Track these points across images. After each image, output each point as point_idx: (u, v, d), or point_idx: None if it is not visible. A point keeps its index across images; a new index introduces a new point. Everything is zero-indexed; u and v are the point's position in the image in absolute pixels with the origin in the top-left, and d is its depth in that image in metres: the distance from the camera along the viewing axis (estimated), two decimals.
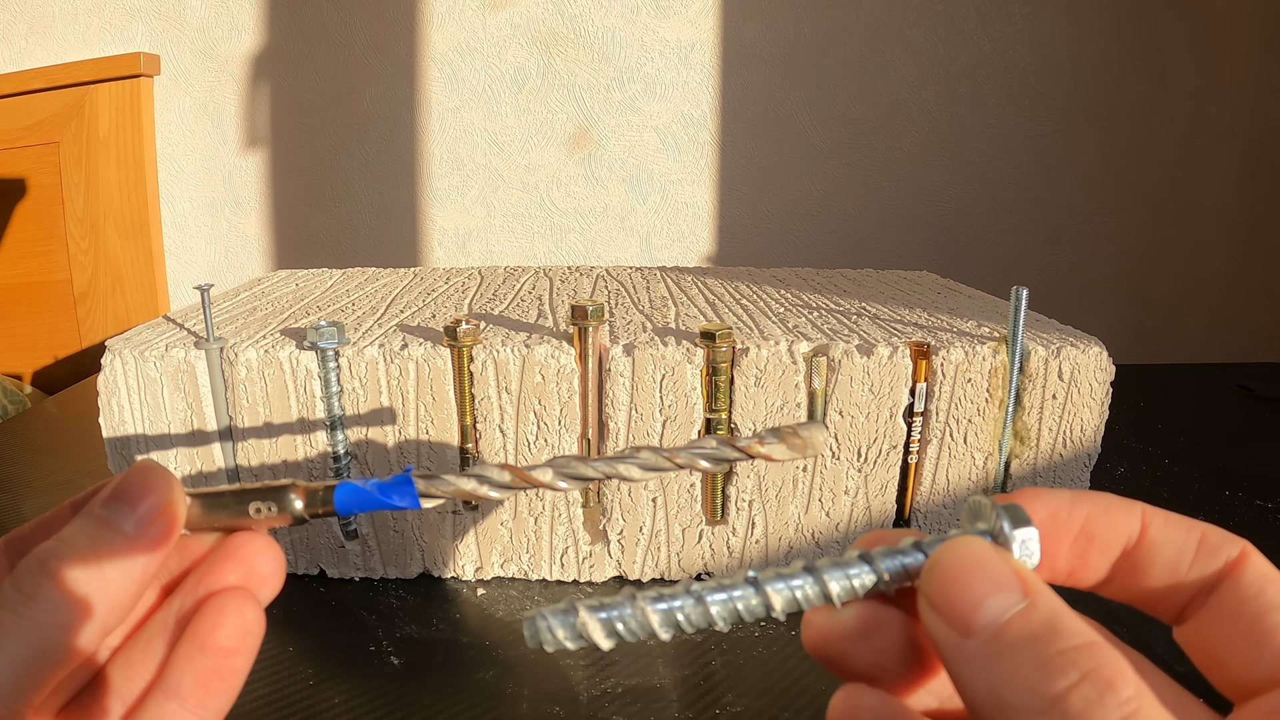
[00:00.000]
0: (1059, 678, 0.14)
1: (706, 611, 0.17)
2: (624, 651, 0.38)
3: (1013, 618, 0.15)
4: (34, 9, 1.07)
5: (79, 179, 1.07)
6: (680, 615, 0.17)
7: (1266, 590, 0.16)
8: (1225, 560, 0.17)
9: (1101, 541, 0.17)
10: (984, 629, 0.15)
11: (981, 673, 0.14)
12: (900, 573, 0.17)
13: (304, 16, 1.07)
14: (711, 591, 0.17)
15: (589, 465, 0.19)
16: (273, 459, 0.43)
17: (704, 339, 0.41)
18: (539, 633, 0.16)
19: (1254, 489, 0.56)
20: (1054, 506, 0.17)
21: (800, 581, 0.17)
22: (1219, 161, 1.14)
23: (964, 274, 1.11)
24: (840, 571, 0.17)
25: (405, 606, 0.42)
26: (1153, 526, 0.17)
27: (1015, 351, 0.42)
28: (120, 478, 0.19)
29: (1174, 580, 0.17)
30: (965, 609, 0.15)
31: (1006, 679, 0.14)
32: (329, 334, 0.40)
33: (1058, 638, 0.14)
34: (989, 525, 0.17)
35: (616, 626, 0.16)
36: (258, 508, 0.20)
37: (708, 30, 1.08)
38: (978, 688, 0.15)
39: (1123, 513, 0.17)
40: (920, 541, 0.17)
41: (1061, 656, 0.14)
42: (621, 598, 0.17)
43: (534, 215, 1.13)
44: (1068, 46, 1.09)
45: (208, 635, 0.19)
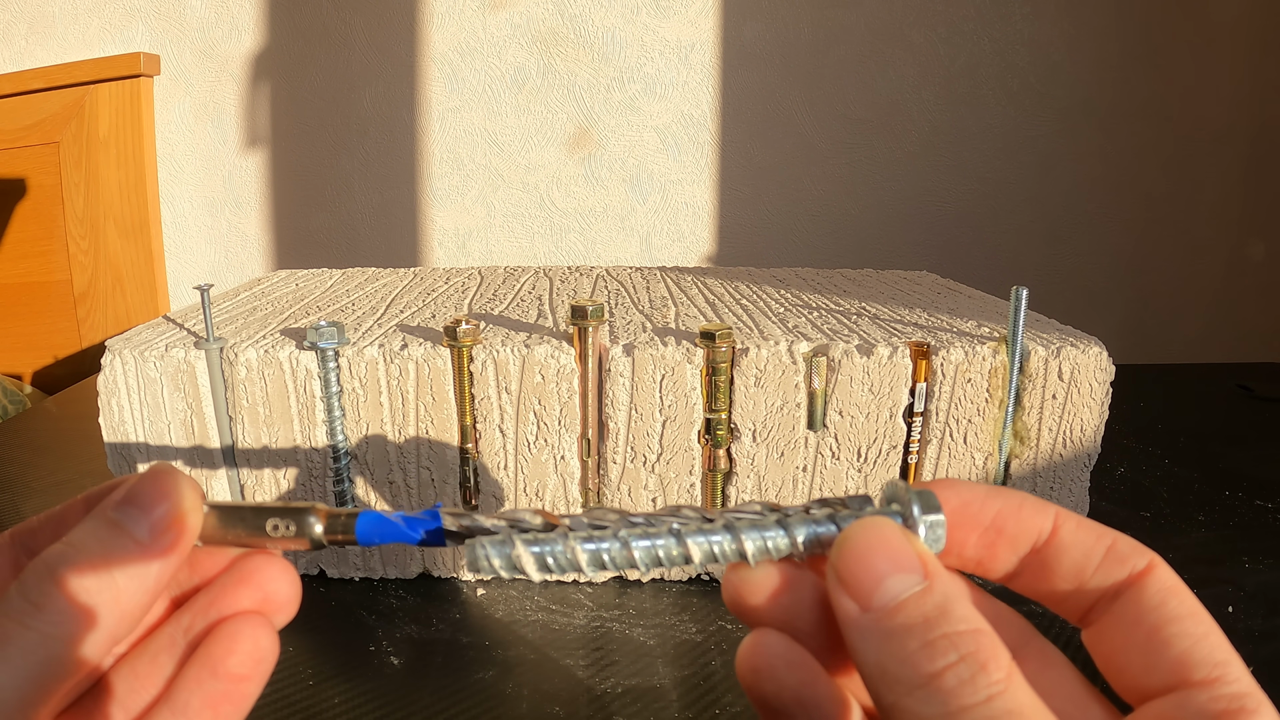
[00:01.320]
0: (938, 657, 0.15)
1: (630, 555, 0.18)
2: (624, 651, 0.38)
3: (909, 598, 0.16)
4: (34, 9, 1.07)
5: (79, 179, 1.07)
6: (605, 556, 0.18)
7: (1168, 602, 0.17)
8: (1131, 570, 0.17)
9: (1010, 536, 0.18)
10: (881, 606, 0.16)
11: (873, 645, 0.16)
12: (813, 541, 0.18)
13: (304, 16, 1.07)
14: (637, 538, 0.18)
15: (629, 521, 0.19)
16: (273, 459, 0.43)
17: (704, 339, 0.41)
18: (477, 560, 0.17)
19: (1254, 489, 0.56)
20: (967, 498, 0.18)
21: (719, 538, 0.18)
22: (1219, 161, 1.14)
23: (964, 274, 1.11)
24: (756, 533, 0.18)
25: (405, 606, 0.42)
26: (1064, 529, 0.18)
27: (1015, 351, 0.42)
28: (135, 479, 0.18)
29: (1078, 583, 0.18)
30: (867, 584, 0.16)
31: (893, 654, 0.15)
32: (329, 334, 0.40)
33: (945, 621, 0.15)
34: (902, 507, 0.18)
35: (547, 560, 0.17)
36: (275, 524, 0.19)
37: (708, 30, 1.08)
38: (868, 660, 0.16)
39: (1035, 511, 0.18)
40: (837, 514, 0.18)
41: (945, 639, 0.15)
42: (555, 534, 0.18)
43: (534, 215, 1.13)
44: (1068, 46, 1.09)
45: (220, 661, 0.18)
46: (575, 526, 0.19)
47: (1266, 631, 0.40)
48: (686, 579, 0.45)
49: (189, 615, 0.19)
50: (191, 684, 0.18)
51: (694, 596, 0.43)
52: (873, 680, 0.16)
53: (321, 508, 0.19)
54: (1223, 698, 0.15)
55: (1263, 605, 0.42)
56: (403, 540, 0.19)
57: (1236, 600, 0.42)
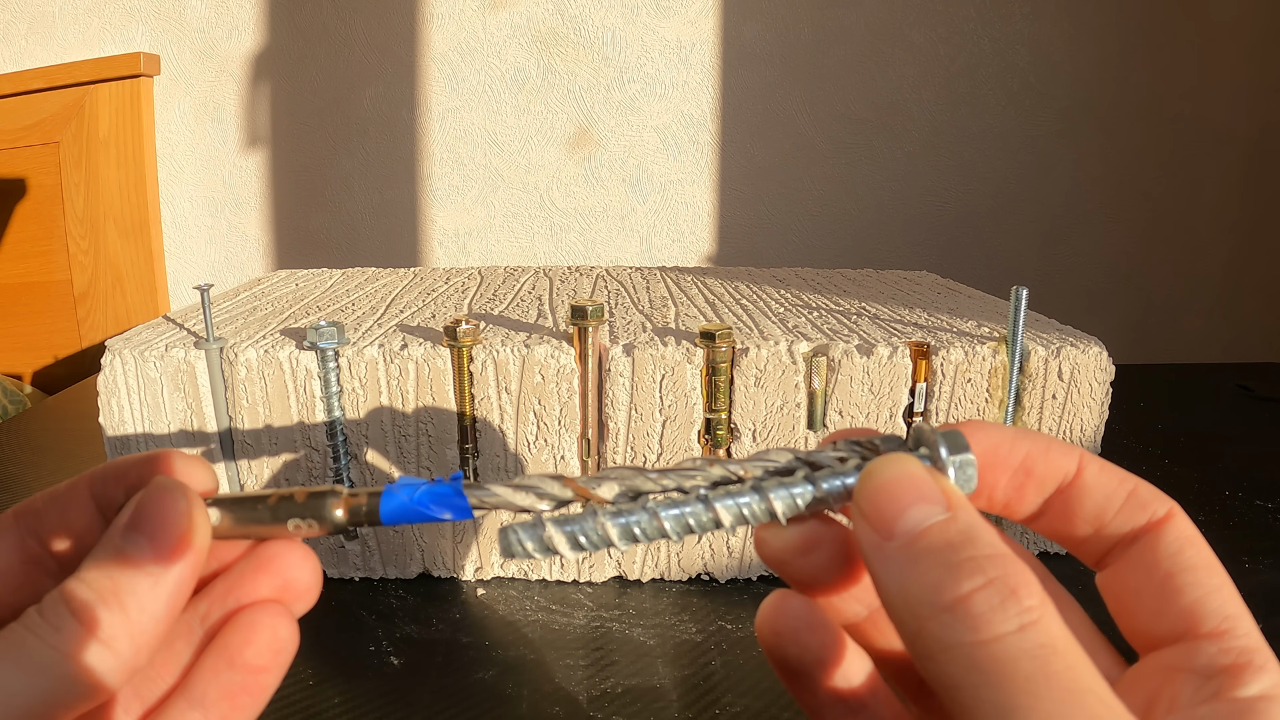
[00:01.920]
0: (965, 580, 0.14)
1: (660, 525, 0.18)
2: (624, 652, 0.38)
3: (932, 525, 0.15)
4: (34, 9, 1.07)
5: (79, 179, 1.07)
6: (636, 529, 0.18)
7: (1184, 551, 0.17)
8: (1151, 516, 0.17)
9: (1038, 478, 0.18)
10: (903, 533, 0.15)
11: (896, 573, 0.15)
12: (842, 492, 0.18)
13: (304, 16, 1.07)
14: (665, 507, 0.18)
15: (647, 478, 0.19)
16: (273, 459, 0.43)
17: (704, 339, 0.41)
18: (510, 545, 0.17)
19: (1254, 489, 0.56)
20: (996, 440, 0.18)
21: (748, 499, 0.18)
22: (1219, 161, 1.14)
23: (964, 274, 1.11)
24: (785, 490, 0.18)
25: (405, 606, 0.42)
26: (1087, 471, 0.18)
27: (1015, 351, 0.42)
28: (137, 501, 0.18)
29: (1098, 526, 0.18)
30: (890, 514, 0.16)
31: (917, 578, 0.15)
32: (329, 334, 0.40)
33: (970, 545, 0.15)
34: (929, 450, 0.17)
35: (579, 538, 0.18)
36: (296, 524, 0.19)
37: (708, 30, 1.08)
38: (891, 587, 0.15)
39: (1062, 453, 0.18)
40: (864, 463, 0.18)
41: (971, 562, 0.15)
42: (584, 513, 0.18)
43: (534, 215, 1.13)
44: (1068, 46, 1.09)
45: (238, 651, 0.18)
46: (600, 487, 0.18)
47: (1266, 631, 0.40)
48: (686, 579, 0.45)
49: (206, 602, 0.19)
50: (209, 674, 0.18)
51: (694, 596, 0.43)
52: (896, 610, 0.15)
53: (342, 492, 0.19)
54: (1230, 651, 0.15)
55: (1263, 605, 0.42)
56: (428, 519, 0.19)
57: None
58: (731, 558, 0.44)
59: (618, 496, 0.18)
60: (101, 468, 0.20)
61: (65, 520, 0.19)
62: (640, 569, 0.45)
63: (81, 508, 0.19)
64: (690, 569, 0.45)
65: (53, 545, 0.19)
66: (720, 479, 0.18)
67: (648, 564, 0.45)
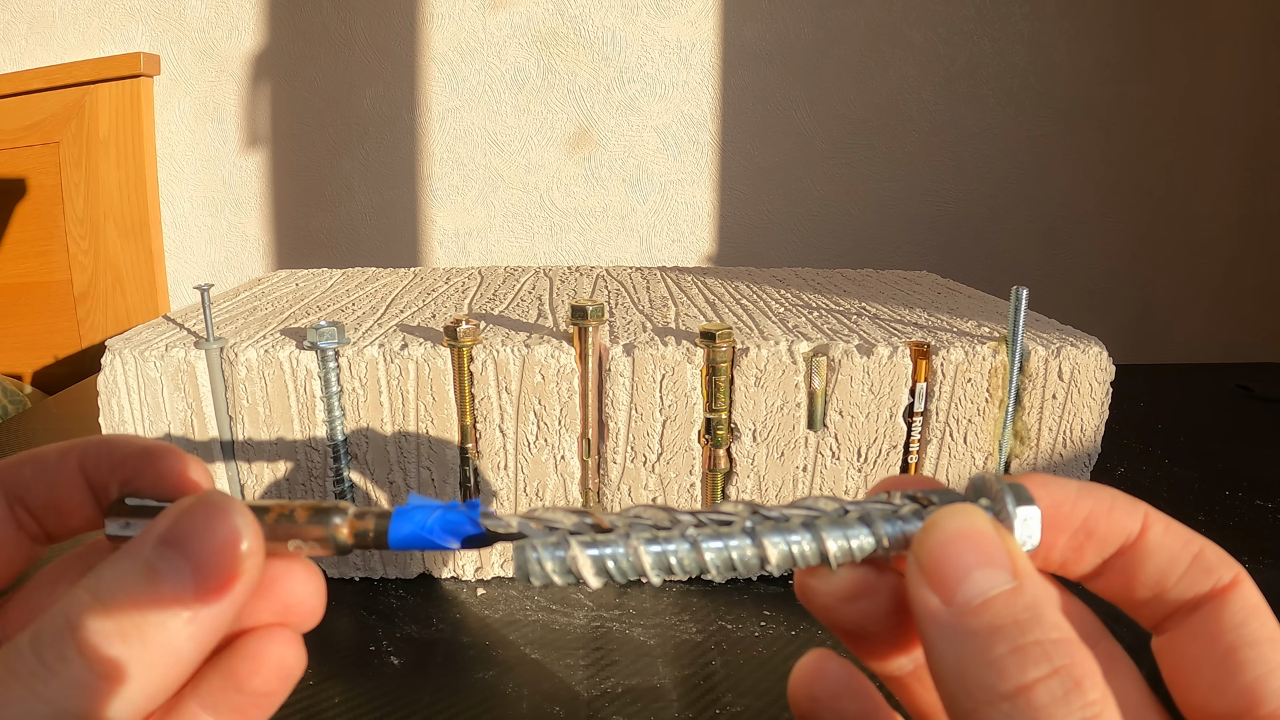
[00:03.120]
0: (1031, 667, 0.13)
1: (700, 559, 0.16)
2: (624, 651, 0.38)
3: (997, 596, 0.14)
4: (34, 9, 1.07)
5: (79, 179, 1.07)
6: (673, 559, 0.16)
7: (1249, 623, 0.16)
8: (1216, 583, 0.16)
9: (1099, 538, 0.17)
10: (966, 601, 0.14)
11: (954, 645, 0.14)
12: (900, 540, 0.16)
13: (304, 16, 1.07)
14: (708, 539, 0.16)
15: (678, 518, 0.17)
16: (273, 459, 0.43)
17: (704, 339, 0.41)
18: (527, 564, 0.16)
19: (1254, 489, 0.56)
20: (1059, 497, 0.17)
21: (798, 538, 0.16)
22: (1219, 161, 1.14)
23: (964, 274, 1.11)
24: (840, 532, 0.16)
25: (405, 606, 0.42)
26: (1152, 531, 0.17)
27: (1015, 351, 0.42)
28: (177, 511, 0.15)
29: (1160, 590, 0.17)
30: (952, 576, 0.15)
31: (977, 656, 0.14)
32: (329, 334, 0.40)
33: (1037, 627, 0.14)
34: (993, 501, 0.16)
35: (607, 565, 0.16)
36: (297, 545, 0.17)
37: (708, 30, 1.08)
38: (947, 660, 0.14)
39: (1126, 512, 0.17)
40: (923, 510, 0.16)
41: (1037, 646, 0.14)
42: (615, 535, 0.16)
43: (534, 215, 1.13)
44: (1067, 46, 1.09)
45: (245, 680, 0.17)
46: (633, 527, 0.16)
47: None
48: (687, 579, 0.45)
49: None
50: (216, 692, 0.17)
51: (694, 596, 0.43)
52: (949, 684, 0.14)
53: (347, 509, 0.17)
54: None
55: None
56: (438, 548, 0.17)
57: None
58: None
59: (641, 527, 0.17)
60: (94, 443, 0.18)
61: (53, 493, 0.18)
62: None
63: (72, 483, 0.18)
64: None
65: (39, 516, 0.18)
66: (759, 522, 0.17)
67: None
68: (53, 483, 0.18)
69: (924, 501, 0.17)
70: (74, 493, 0.18)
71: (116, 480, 0.18)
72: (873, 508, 0.17)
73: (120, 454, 0.18)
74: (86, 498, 0.18)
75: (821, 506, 0.17)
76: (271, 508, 0.17)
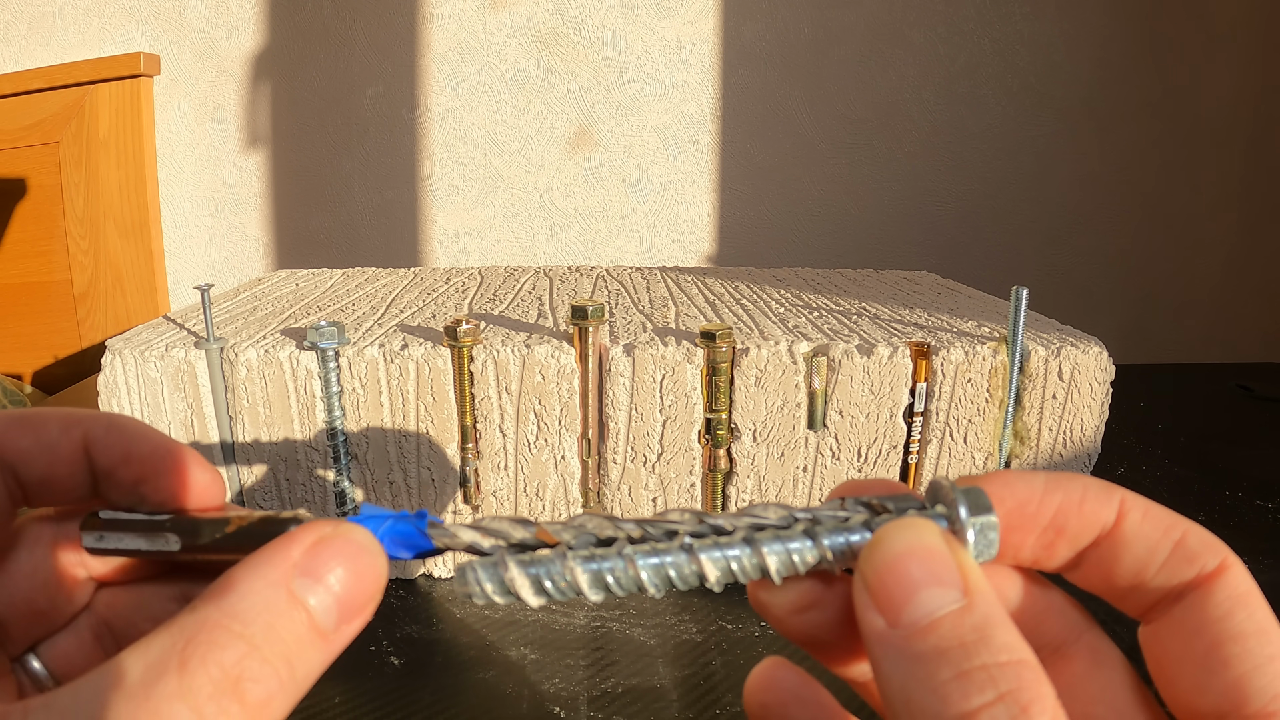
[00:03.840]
0: (974, 694, 0.13)
1: (636, 575, 0.16)
2: (624, 652, 0.38)
3: (944, 616, 0.14)
4: (34, 9, 1.07)
5: (79, 179, 1.07)
6: (610, 578, 0.16)
7: (1235, 614, 0.15)
8: (1199, 570, 0.15)
9: (1071, 533, 0.16)
10: (912, 622, 0.14)
11: (899, 667, 0.14)
12: (846, 552, 0.16)
13: (304, 16, 1.07)
14: (645, 555, 0.16)
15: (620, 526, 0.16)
16: (273, 459, 0.43)
17: (704, 339, 0.41)
18: (468, 584, 0.16)
19: (1254, 489, 0.56)
20: (1024, 495, 0.16)
21: (737, 552, 0.16)
22: (1219, 161, 1.14)
23: (964, 274, 1.11)
24: (780, 545, 0.16)
25: (405, 606, 0.42)
26: (1129, 519, 0.16)
27: (1015, 351, 0.42)
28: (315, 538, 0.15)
29: (1140, 580, 0.16)
30: (898, 596, 0.14)
31: (921, 681, 0.13)
32: (329, 334, 0.40)
33: (985, 649, 0.13)
34: (947, 509, 0.15)
35: (545, 584, 0.15)
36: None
37: (708, 30, 1.08)
38: (893, 683, 0.14)
39: (1098, 503, 0.16)
40: (873, 520, 0.16)
41: (983, 671, 0.13)
42: (552, 554, 0.16)
43: (534, 215, 1.13)
44: (1068, 46, 1.09)
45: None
46: (576, 541, 0.16)
47: None
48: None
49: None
50: None
51: (694, 596, 0.43)
52: (894, 707, 0.14)
53: (305, 517, 0.17)
54: None
55: None
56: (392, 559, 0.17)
57: None
58: None
59: (581, 542, 0.16)
60: (104, 426, 0.18)
61: (51, 470, 0.18)
62: None
63: (73, 461, 0.18)
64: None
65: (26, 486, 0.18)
66: (705, 532, 0.16)
67: None
68: (53, 460, 0.17)
69: (878, 509, 0.16)
70: (74, 471, 0.18)
71: (128, 476, 0.18)
72: (823, 515, 0.16)
73: (136, 450, 0.18)
74: (85, 478, 0.18)
75: (768, 516, 0.16)
76: (231, 521, 0.17)
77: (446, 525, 0.17)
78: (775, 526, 0.16)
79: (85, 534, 0.18)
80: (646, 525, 0.16)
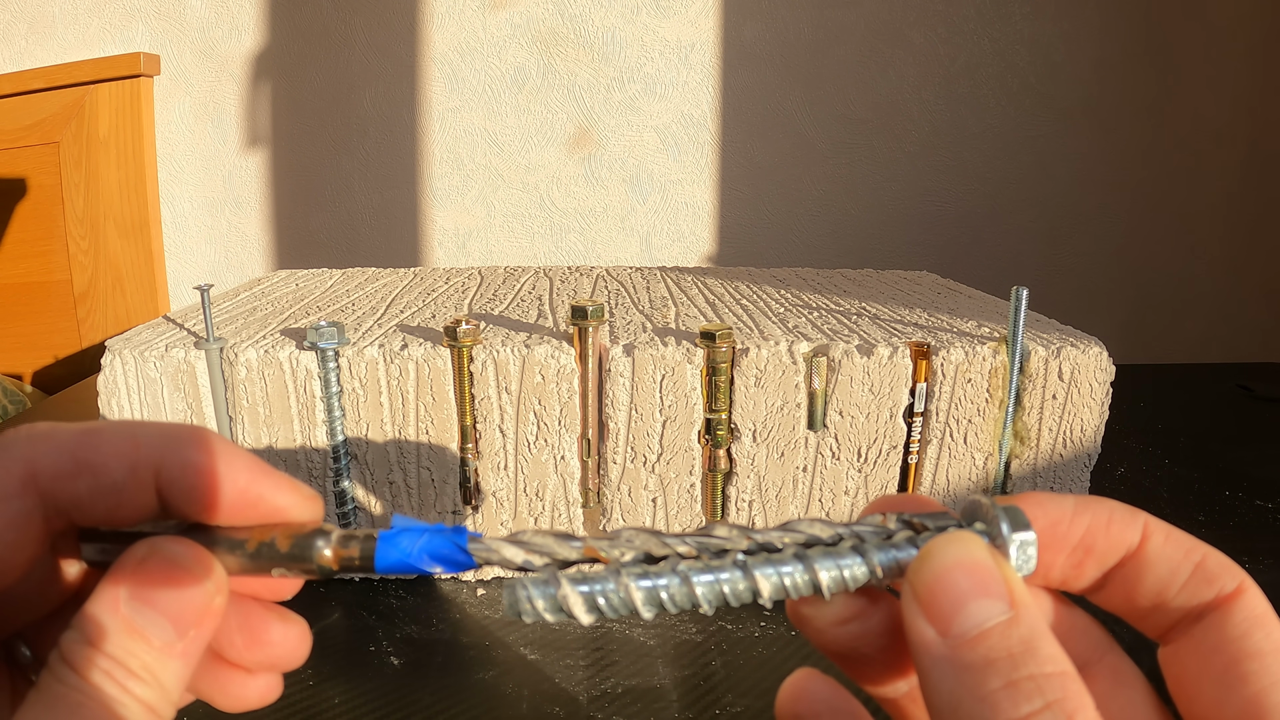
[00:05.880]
0: (1023, 702, 0.13)
1: (691, 593, 0.16)
2: (624, 651, 0.38)
3: (993, 628, 0.14)
4: (34, 9, 1.07)
5: (79, 179, 1.07)
6: (664, 594, 0.16)
7: (1253, 634, 0.15)
8: (1218, 592, 0.16)
9: (1099, 553, 0.17)
10: (962, 633, 0.14)
11: (948, 676, 0.14)
12: (893, 568, 0.16)
13: (304, 16, 1.07)
14: (698, 572, 0.16)
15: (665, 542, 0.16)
16: (273, 459, 0.43)
17: (704, 339, 0.41)
18: (518, 602, 0.16)
19: (1254, 489, 0.56)
20: (1055, 515, 0.17)
21: (790, 569, 0.16)
22: (1219, 161, 1.14)
23: (964, 274, 1.11)
24: (832, 562, 0.16)
25: (405, 606, 0.42)
26: (1152, 541, 0.17)
27: (1015, 351, 0.42)
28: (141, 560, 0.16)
29: (1160, 601, 0.16)
30: (948, 607, 0.15)
31: (971, 689, 0.14)
32: (329, 334, 0.40)
33: (1032, 660, 0.14)
34: (988, 526, 0.16)
35: (598, 601, 0.16)
36: (281, 572, 0.17)
37: (708, 30, 1.08)
38: (941, 692, 0.14)
39: (1124, 525, 0.17)
40: (917, 537, 0.16)
41: (1030, 680, 0.14)
42: (605, 571, 0.16)
43: (534, 215, 1.13)
44: (1068, 46, 1.09)
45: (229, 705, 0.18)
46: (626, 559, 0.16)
47: None
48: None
49: None
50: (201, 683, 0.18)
51: None
52: (942, 715, 0.14)
53: (332, 532, 0.17)
54: None
55: None
56: (425, 572, 0.17)
57: None
58: None
59: (632, 560, 0.16)
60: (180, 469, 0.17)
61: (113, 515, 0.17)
62: None
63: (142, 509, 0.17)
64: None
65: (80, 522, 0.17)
66: (754, 549, 0.17)
67: None
68: (117, 504, 0.17)
69: (918, 527, 0.17)
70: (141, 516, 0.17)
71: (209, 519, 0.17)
72: (866, 532, 0.16)
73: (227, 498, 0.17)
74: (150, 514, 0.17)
75: (815, 532, 0.16)
76: (251, 536, 0.17)
77: (487, 540, 0.17)
78: (824, 543, 0.16)
79: (85, 546, 0.17)
80: (692, 540, 0.17)
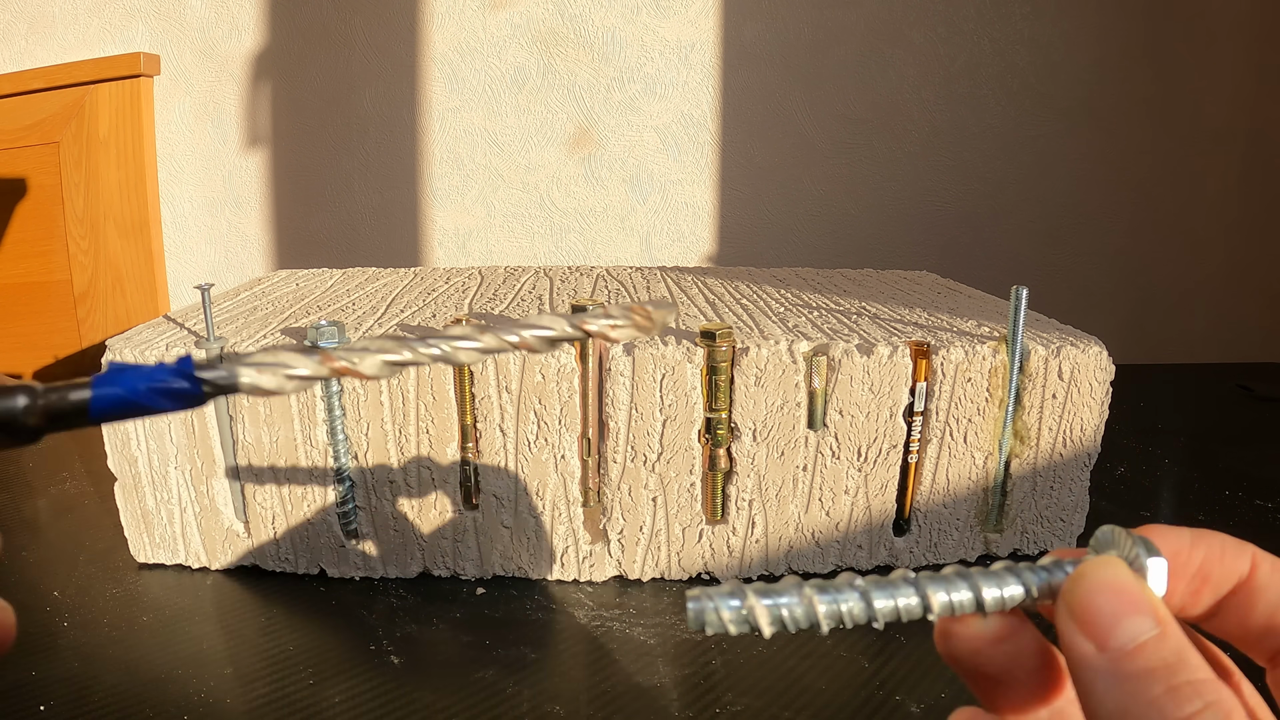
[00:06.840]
0: (1185, 704, 0.15)
1: (869, 608, 0.17)
2: (624, 651, 0.38)
3: (1146, 642, 0.16)
4: (34, 9, 1.07)
5: (79, 179, 1.07)
6: (844, 608, 0.17)
7: None
8: None
9: (1214, 582, 0.18)
10: (1120, 646, 0.16)
11: (1113, 686, 0.16)
12: (1045, 589, 0.18)
13: (304, 16, 1.07)
14: (878, 591, 0.17)
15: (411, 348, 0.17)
16: (273, 459, 0.43)
17: (704, 339, 0.41)
18: (703, 613, 0.17)
19: (1254, 489, 0.56)
20: (1176, 546, 0.18)
21: (957, 587, 0.18)
22: (1219, 161, 1.14)
23: (964, 274, 1.10)
24: (992, 582, 0.18)
25: (405, 606, 0.42)
26: (1260, 569, 0.18)
27: (1015, 351, 0.42)
28: None
29: (1271, 626, 0.18)
30: (1104, 623, 0.16)
31: (1135, 696, 0.15)
32: (329, 334, 0.40)
33: (1185, 668, 0.15)
34: (1125, 552, 0.17)
35: (782, 614, 0.17)
36: None
37: (708, 30, 1.08)
38: (1108, 703, 0.16)
39: (1235, 555, 0.18)
40: (1062, 561, 0.18)
41: (1189, 686, 0.15)
42: (788, 586, 0.17)
43: (534, 215, 1.13)
44: (1068, 46, 1.09)
45: None
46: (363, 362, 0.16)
47: None
48: (687, 578, 0.45)
49: None
50: None
51: None
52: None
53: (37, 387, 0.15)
54: None
55: None
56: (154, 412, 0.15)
57: None
58: (732, 557, 0.44)
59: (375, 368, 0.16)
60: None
61: None
62: (640, 568, 0.45)
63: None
64: (690, 568, 0.45)
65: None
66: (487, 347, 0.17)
67: (648, 563, 0.45)
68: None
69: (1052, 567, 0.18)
70: None
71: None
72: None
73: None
74: None
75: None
76: None
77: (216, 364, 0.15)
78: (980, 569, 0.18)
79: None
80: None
